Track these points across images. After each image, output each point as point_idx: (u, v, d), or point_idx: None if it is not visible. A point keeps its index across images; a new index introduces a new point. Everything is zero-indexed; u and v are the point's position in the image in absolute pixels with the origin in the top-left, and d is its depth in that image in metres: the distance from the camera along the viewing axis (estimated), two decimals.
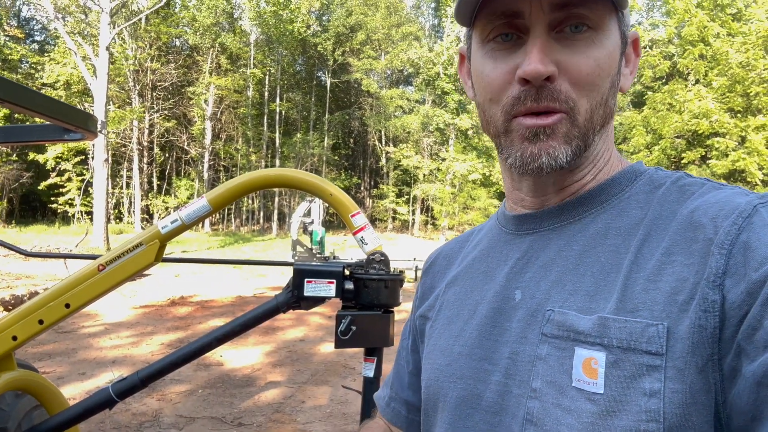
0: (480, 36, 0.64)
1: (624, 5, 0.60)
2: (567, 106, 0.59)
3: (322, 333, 7.74)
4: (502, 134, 0.64)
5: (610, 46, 0.61)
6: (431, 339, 0.76)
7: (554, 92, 0.58)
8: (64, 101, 11.61)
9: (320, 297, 1.64)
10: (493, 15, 0.60)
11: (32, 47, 32.92)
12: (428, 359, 0.74)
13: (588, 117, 0.60)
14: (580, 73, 0.59)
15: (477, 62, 0.65)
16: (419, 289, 0.88)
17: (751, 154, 18.47)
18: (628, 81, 0.67)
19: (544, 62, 0.57)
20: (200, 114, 31.68)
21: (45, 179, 27.83)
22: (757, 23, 18.60)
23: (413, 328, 0.87)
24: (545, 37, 0.58)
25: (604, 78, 0.60)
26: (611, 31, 0.61)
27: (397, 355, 0.92)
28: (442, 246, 0.90)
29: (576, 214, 0.65)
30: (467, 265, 0.77)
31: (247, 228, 34.90)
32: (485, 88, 0.64)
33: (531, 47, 0.58)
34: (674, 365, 0.49)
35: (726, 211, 0.53)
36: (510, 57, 0.61)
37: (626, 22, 0.64)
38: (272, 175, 1.84)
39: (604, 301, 0.56)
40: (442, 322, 0.75)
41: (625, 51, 0.65)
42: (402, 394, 0.87)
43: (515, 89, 0.60)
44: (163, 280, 12.39)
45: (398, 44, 32.27)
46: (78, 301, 1.78)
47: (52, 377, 5.33)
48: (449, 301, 0.76)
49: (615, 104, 0.65)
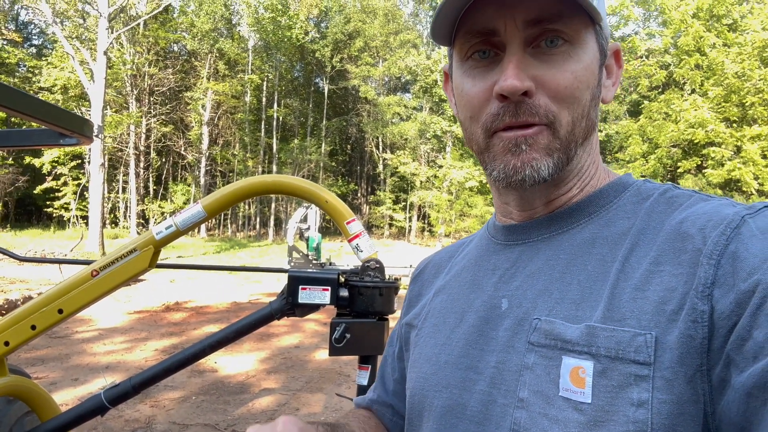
0: (459, 54, 0.64)
1: (599, 18, 0.61)
2: (547, 119, 0.59)
3: (318, 339, 7.71)
4: (484, 150, 0.64)
5: (587, 59, 0.61)
6: (417, 347, 0.75)
7: (532, 107, 0.59)
8: (61, 106, 11.54)
9: (315, 304, 1.63)
10: (470, 33, 0.61)
11: (30, 51, 32.91)
12: (414, 367, 0.74)
13: (569, 129, 0.61)
14: (558, 86, 0.59)
15: (457, 80, 0.66)
16: (407, 297, 0.88)
17: (747, 163, 18.59)
18: (610, 92, 0.68)
19: (520, 77, 0.57)
20: (197, 119, 31.69)
21: (41, 183, 27.79)
22: (752, 34, 18.77)
23: (400, 336, 0.86)
24: (521, 53, 0.59)
25: (583, 90, 0.61)
26: (588, 44, 0.61)
27: (383, 361, 0.91)
28: (432, 255, 0.90)
29: (564, 225, 0.65)
30: (455, 274, 0.77)
31: (244, 234, 34.83)
32: (465, 106, 0.65)
33: (507, 63, 0.59)
34: (662, 375, 0.49)
35: (714, 222, 0.53)
36: (488, 74, 0.61)
37: (604, 34, 0.65)
38: (268, 181, 1.83)
39: (590, 309, 0.56)
40: (428, 330, 0.74)
41: (605, 63, 0.66)
42: (386, 398, 0.87)
43: (494, 106, 0.60)
44: (158, 285, 12.34)
45: (396, 52, 32.40)
46: (71, 307, 1.77)
47: (45, 383, 5.30)
48: (436, 309, 0.75)
49: (597, 116, 0.66)
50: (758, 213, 0.53)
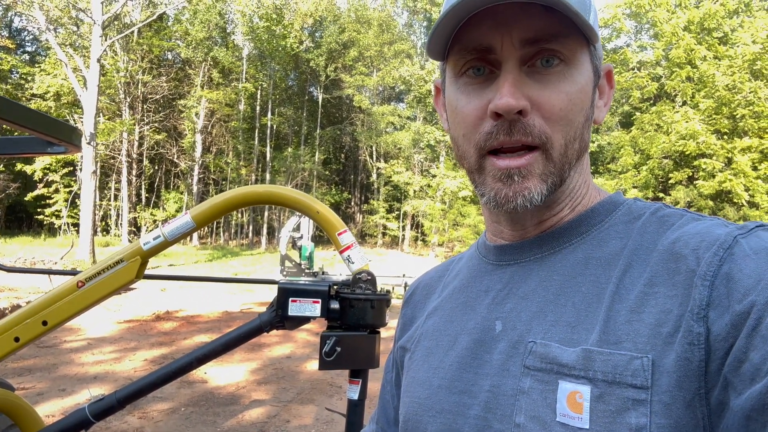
0: (453, 70, 0.64)
1: (595, 39, 0.61)
2: (540, 140, 0.59)
3: (309, 350, 7.65)
4: (476, 171, 0.63)
5: (582, 81, 0.60)
6: (410, 371, 0.74)
7: (527, 127, 0.58)
8: (54, 113, 11.52)
9: (305, 317, 1.60)
10: (465, 50, 0.60)
11: (23, 58, 32.79)
12: (407, 391, 0.72)
13: (563, 152, 0.60)
14: (553, 108, 0.59)
15: (451, 96, 0.65)
16: (400, 321, 0.86)
17: (738, 175, 18.75)
18: (602, 113, 0.68)
19: (515, 96, 0.57)
20: (191, 127, 31.62)
21: (32, 190, 27.55)
22: (743, 47, 18.98)
23: (395, 361, 0.85)
24: (516, 72, 0.58)
25: (577, 112, 0.60)
26: (583, 65, 0.61)
27: (382, 389, 0.89)
28: (422, 276, 0.89)
29: (556, 245, 0.65)
30: (447, 296, 0.76)
31: (236, 242, 34.69)
32: (459, 123, 0.64)
33: (503, 82, 0.58)
34: (660, 399, 0.49)
35: (707, 243, 0.53)
36: (483, 92, 0.60)
37: (598, 55, 0.65)
38: (258, 192, 1.81)
39: (586, 332, 0.55)
40: (421, 354, 0.73)
41: (598, 84, 0.66)
42: (389, 429, 0.85)
43: (488, 124, 0.60)
44: (149, 294, 12.24)
45: (390, 61, 32.52)
46: (56, 319, 1.74)
47: (32, 393, 5.21)
48: (429, 332, 0.74)
49: (589, 137, 0.65)
50: (750, 233, 0.53)
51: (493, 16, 0.57)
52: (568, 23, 0.57)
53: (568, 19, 0.57)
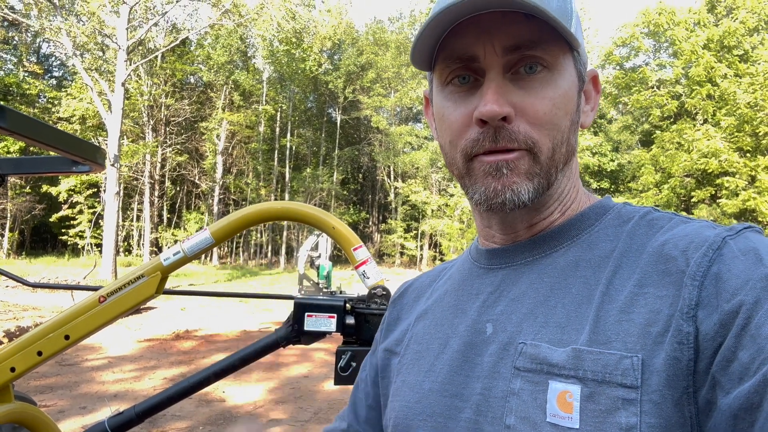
0: (439, 79, 0.65)
1: (577, 45, 0.62)
2: (527, 145, 0.60)
3: (327, 369, 7.62)
4: (465, 175, 0.64)
5: (565, 86, 0.61)
6: (400, 375, 0.73)
7: (512, 133, 0.59)
8: (78, 135, 11.66)
9: (321, 332, 1.62)
10: (450, 59, 0.62)
11: (50, 83, 33.79)
12: (397, 395, 0.72)
13: (549, 155, 0.61)
14: (537, 113, 0.60)
15: (438, 105, 0.66)
16: (384, 321, 0.85)
17: (762, 193, 18.41)
18: (589, 118, 0.69)
19: (499, 103, 0.58)
20: (212, 148, 32.14)
21: (57, 211, 28.14)
22: (764, 64, 18.79)
23: (376, 361, 0.83)
24: (500, 79, 0.59)
25: (562, 117, 0.61)
26: (567, 71, 0.62)
27: (355, 387, 0.87)
28: (412, 279, 0.89)
29: (547, 248, 0.65)
30: (437, 299, 0.76)
31: (255, 261, 34.90)
32: (446, 131, 0.65)
33: (486, 89, 0.59)
34: (650, 399, 0.49)
35: (696, 244, 0.54)
36: (468, 100, 0.62)
37: (582, 60, 0.66)
38: (275, 208, 1.84)
39: (575, 332, 0.55)
40: (411, 357, 0.73)
41: (583, 89, 0.67)
42: (357, 427, 0.83)
43: (474, 131, 0.61)
44: (169, 313, 12.34)
45: (407, 83, 32.82)
46: (78, 333, 1.77)
47: (53, 410, 5.27)
48: (418, 336, 0.74)
49: (576, 141, 0.67)
50: (738, 234, 0.54)
51: (476, 25, 0.59)
52: (549, 30, 0.58)
53: (550, 26, 0.58)
